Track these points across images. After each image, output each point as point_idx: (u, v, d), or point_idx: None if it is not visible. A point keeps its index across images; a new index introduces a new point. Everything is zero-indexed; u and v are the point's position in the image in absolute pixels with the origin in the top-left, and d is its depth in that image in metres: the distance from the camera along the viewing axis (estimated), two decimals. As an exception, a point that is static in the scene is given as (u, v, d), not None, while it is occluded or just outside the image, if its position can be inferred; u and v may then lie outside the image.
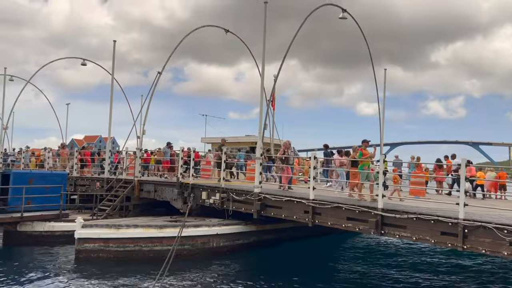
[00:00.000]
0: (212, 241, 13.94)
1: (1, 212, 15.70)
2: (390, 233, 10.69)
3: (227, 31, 21.15)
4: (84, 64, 25.91)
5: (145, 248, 13.09)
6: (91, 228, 13.13)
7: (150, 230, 13.28)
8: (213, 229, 14.05)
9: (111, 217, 16.97)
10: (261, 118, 14.93)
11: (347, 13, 17.77)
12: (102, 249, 12.95)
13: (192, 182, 16.17)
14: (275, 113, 24.16)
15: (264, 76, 15.25)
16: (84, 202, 19.57)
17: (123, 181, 19.01)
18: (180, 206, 16.42)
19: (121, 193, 18.15)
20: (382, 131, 23.02)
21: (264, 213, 13.65)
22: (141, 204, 18.42)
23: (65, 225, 15.81)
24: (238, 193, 14.49)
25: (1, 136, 27.23)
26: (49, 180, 16.82)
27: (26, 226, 15.80)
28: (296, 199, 12.64)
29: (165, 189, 17.43)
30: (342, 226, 11.61)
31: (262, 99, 15.23)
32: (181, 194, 16.44)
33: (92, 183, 20.73)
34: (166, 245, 13.01)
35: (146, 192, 18.33)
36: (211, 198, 15.36)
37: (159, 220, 14.78)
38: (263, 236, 15.29)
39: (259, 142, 14.49)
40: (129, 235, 13.08)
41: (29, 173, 17.45)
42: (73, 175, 21.57)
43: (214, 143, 26.14)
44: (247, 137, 25.87)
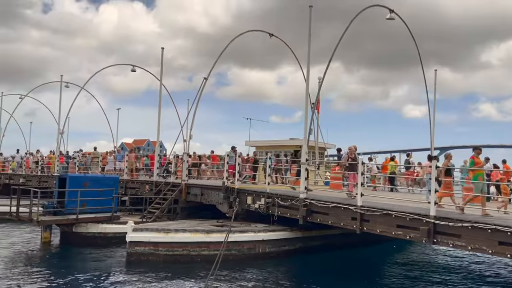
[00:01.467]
0: (258, 247, 13.97)
1: (59, 214, 16.59)
2: (443, 242, 10.26)
3: (271, 35, 21.17)
4: (134, 70, 26.88)
5: (193, 253, 13.34)
6: (141, 232, 13.55)
7: (197, 234, 13.52)
8: (259, 235, 14.08)
9: (159, 219, 17.46)
10: (306, 121, 14.81)
11: (395, 13, 17.25)
12: (152, 253, 13.32)
13: (237, 187, 16.29)
14: (319, 117, 23.88)
15: (305, 78, 15.06)
16: (134, 204, 20.28)
17: (171, 185, 19.49)
18: (226, 210, 16.60)
19: (169, 196, 18.62)
20: (433, 134, 22.14)
21: (310, 219, 13.51)
22: (188, 207, 18.81)
23: (117, 227, 16.44)
24: (284, 198, 14.44)
25: (58, 140, 28.77)
26: (102, 183, 17.58)
27: (81, 228, 16.57)
28: (343, 205, 12.41)
29: (212, 193, 17.69)
30: (391, 233, 11.26)
31: (308, 103, 15.09)
32: (227, 198, 16.61)
33: (141, 186, 21.42)
34: (213, 250, 13.19)
35: (193, 195, 18.69)
36: (257, 203, 15.41)
37: (206, 225, 15.01)
38: (309, 242, 15.13)
39: (304, 146, 14.36)
40: (178, 239, 13.37)
41: (84, 176, 18.34)
42: (124, 178, 22.37)
43: (258, 146, 26.22)
44: (291, 140, 25.70)
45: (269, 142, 25.58)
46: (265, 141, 26.98)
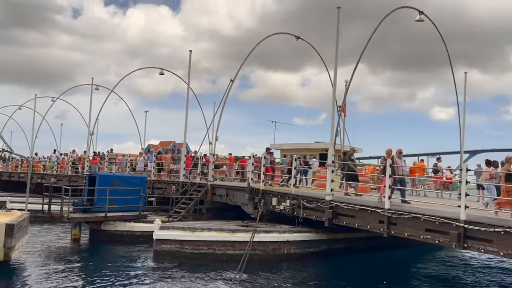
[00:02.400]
0: (283, 247, 13.97)
1: (88, 211, 17.05)
2: (473, 247, 9.99)
3: (298, 37, 21.18)
4: (162, 74, 27.39)
5: (218, 252, 13.45)
6: (168, 230, 13.77)
7: (223, 234, 13.63)
8: (283, 236, 14.07)
9: (185, 219, 17.68)
10: (332, 124, 14.73)
11: (424, 15, 17.00)
12: (178, 251, 13.51)
13: (262, 188, 16.34)
14: (345, 120, 23.70)
15: (331, 80, 15.00)
16: (160, 204, 20.61)
17: (197, 185, 19.72)
18: (250, 211, 16.66)
19: (195, 197, 18.84)
20: (463, 137, 21.61)
21: (336, 221, 13.41)
22: (213, 208, 18.98)
23: (144, 226, 16.75)
24: (309, 200, 14.38)
25: (89, 141, 29.57)
26: (130, 182, 17.97)
27: (109, 226, 16.97)
28: (370, 208, 12.26)
29: (237, 194, 17.80)
30: (420, 237, 11.05)
31: (334, 106, 15.04)
32: (252, 200, 16.67)
33: (168, 187, 21.75)
34: (238, 249, 13.27)
35: (218, 196, 18.85)
36: (282, 204, 15.41)
37: (231, 225, 15.11)
38: (334, 245, 15.01)
39: (330, 149, 14.29)
40: (203, 238, 13.52)
41: (113, 175, 18.77)
42: (151, 178, 22.77)
43: (283, 149, 26.18)
44: (317, 143, 25.56)
45: (294, 145, 25.51)
46: (290, 144, 26.93)
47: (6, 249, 11.29)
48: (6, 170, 39.09)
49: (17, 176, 36.37)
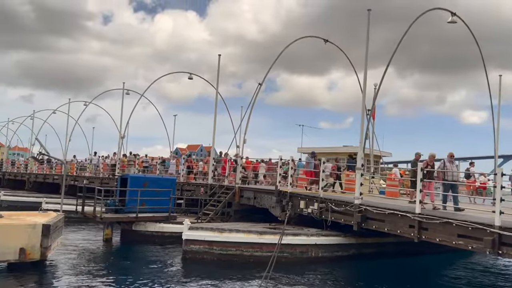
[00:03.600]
0: (311, 250, 13.92)
1: (120, 212, 17.49)
2: (509, 254, 9.69)
3: (326, 41, 21.16)
4: (191, 78, 27.85)
5: (246, 253, 13.54)
6: (197, 230, 13.98)
7: (251, 235, 13.72)
8: (311, 239, 14.04)
9: (213, 221, 17.88)
10: (362, 128, 14.63)
11: (457, 16, 16.66)
12: (206, 251, 13.68)
13: (290, 191, 16.35)
14: (374, 124, 23.44)
15: (361, 84, 14.90)
16: (189, 206, 20.91)
17: (225, 188, 19.92)
18: (278, 214, 16.70)
19: (223, 199, 19.04)
20: (497, 141, 20.98)
21: (365, 225, 13.28)
22: (241, 210, 19.12)
23: (173, 227, 17.05)
24: (338, 203, 14.31)
25: (120, 144, 30.35)
26: (160, 184, 18.33)
27: (140, 226, 17.35)
28: (400, 212, 12.09)
29: (264, 196, 17.87)
30: (452, 243, 10.81)
31: (364, 110, 14.93)
32: (280, 202, 16.71)
33: (197, 189, 22.06)
34: (266, 251, 13.33)
35: (246, 198, 18.98)
36: (309, 208, 15.38)
37: (259, 227, 15.18)
38: (363, 249, 14.84)
39: (360, 152, 14.18)
40: (231, 239, 13.64)
41: (144, 177, 19.19)
42: (180, 180, 23.15)
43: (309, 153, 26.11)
44: (345, 147, 25.41)
45: (322, 149, 25.40)
46: (317, 147, 26.84)
47: (43, 249, 11.69)
48: (41, 172, 40.51)
49: (51, 178, 37.66)
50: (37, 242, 11.60)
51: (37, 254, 11.60)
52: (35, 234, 11.56)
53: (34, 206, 25.56)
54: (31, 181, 40.94)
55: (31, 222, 11.81)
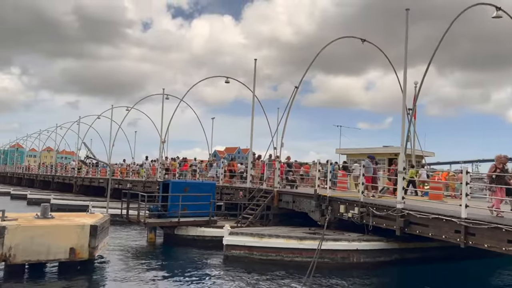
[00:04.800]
0: (352, 256, 13.72)
1: (162, 216, 17.94)
2: None
3: (363, 40, 20.78)
4: (227, 82, 28.17)
5: (286, 258, 13.53)
6: (237, 236, 14.11)
7: (290, 241, 13.70)
8: (353, 244, 13.83)
9: (253, 225, 17.98)
10: (403, 128, 14.25)
11: (502, 11, 15.89)
12: (247, 256, 13.79)
13: (330, 195, 16.18)
14: (415, 123, 22.76)
15: (400, 83, 14.52)
16: (229, 209, 21.14)
17: (264, 191, 19.98)
18: (317, 218, 16.56)
19: (262, 203, 19.10)
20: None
21: (408, 230, 12.93)
22: (280, 214, 19.12)
23: (214, 231, 17.28)
24: (379, 208, 14.02)
25: (161, 148, 31.16)
26: (201, 189, 18.67)
27: (181, 230, 17.72)
28: (445, 217, 11.70)
29: (303, 200, 17.78)
30: (502, 249, 10.35)
31: (404, 110, 14.55)
32: (319, 206, 16.56)
33: (236, 192, 22.26)
34: (306, 257, 13.27)
35: (284, 202, 18.96)
36: (350, 212, 15.15)
37: (299, 232, 15.13)
38: (407, 254, 14.44)
39: (401, 154, 13.83)
40: (271, 245, 13.68)
41: (185, 182, 19.59)
42: (220, 184, 23.43)
43: (350, 154, 25.75)
44: (385, 148, 24.82)
45: (361, 150, 24.97)
46: (356, 149, 26.40)
47: (91, 249, 12.16)
48: (88, 175, 42.24)
49: (97, 182, 39.20)
50: (86, 242, 12.04)
51: (86, 253, 12.04)
52: (84, 235, 12.02)
53: (81, 209, 26.76)
54: (78, 185, 42.82)
55: (79, 223, 12.30)
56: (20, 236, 11.08)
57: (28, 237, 11.17)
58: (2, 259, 10.86)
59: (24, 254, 11.09)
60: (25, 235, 11.16)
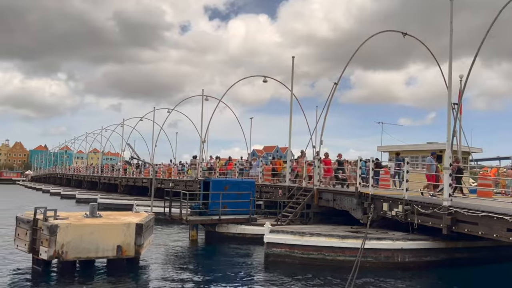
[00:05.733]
0: (396, 255, 13.35)
1: (204, 214, 18.24)
2: None
3: (405, 34, 20.19)
4: (265, 81, 28.22)
5: (328, 257, 13.36)
6: (277, 234, 14.09)
7: (332, 239, 13.52)
8: (397, 243, 13.45)
9: (293, 223, 17.91)
10: (449, 124, 13.71)
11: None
12: (288, 254, 13.74)
13: (372, 193, 15.84)
14: (461, 118, 21.82)
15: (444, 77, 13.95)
16: (268, 207, 21.17)
17: (303, 189, 19.85)
18: (359, 216, 16.26)
19: (301, 201, 18.99)
20: None
21: (456, 229, 12.43)
22: (320, 212, 18.93)
23: (254, 229, 17.38)
24: (424, 205, 13.56)
25: (201, 148, 31.70)
26: (240, 187, 18.82)
27: (222, 228, 17.94)
28: (496, 215, 11.13)
29: (344, 198, 17.51)
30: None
31: (450, 104, 14.00)
32: (361, 205, 16.25)
33: (275, 191, 22.26)
34: (348, 256, 13.05)
35: (325, 200, 18.75)
36: (393, 210, 14.76)
37: (340, 230, 14.91)
38: (454, 254, 13.90)
39: (447, 150, 13.32)
40: (313, 243, 13.55)
41: (225, 181, 19.81)
42: (259, 182, 23.51)
43: (392, 152, 25.03)
44: (429, 144, 23.93)
45: (404, 147, 24.20)
46: (399, 145, 25.62)
47: (137, 247, 12.51)
48: (131, 175, 43.63)
49: (140, 182, 40.41)
50: (132, 240, 12.37)
51: (132, 251, 12.39)
52: (130, 233, 12.36)
53: (126, 208, 27.72)
54: (123, 185, 44.33)
55: (126, 222, 12.67)
56: (71, 234, 11.57)
57: (78, 235, 11.65)
58: (55, 256, 11.39)
59: (75, 251, 11.57)
60: (75, 233, 11.64)
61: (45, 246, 11.34)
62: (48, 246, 11.26)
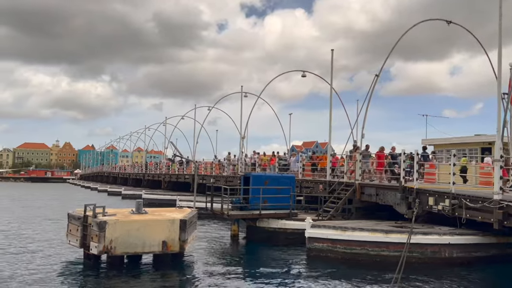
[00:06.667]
0: (444, 251, 12.92)
1: (244, 209, 18.41)
2: None
3: (449, 22, 19.40)
4: (304, 76, 28.04)
5: (372, 252, 13.13)
6: (319, 228, 14.00)
7: (376, 234, 13.27)
8: (444, 238, 13.02)
9: (334, 218, 17.70)
10: (499, 114, 13.05)
11: None
12: (330, 250, 13.63)
13: (417, 187, 15.37)
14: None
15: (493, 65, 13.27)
16: (308, 203, 21.04)
17: (345, 184, 19.56)
18: (404, 211, 15.83)
19: (343, 196, 18.73)
20: None
21: (508, 223, 11.84)
22: (362, 207, 18.59)
23: (295, 224, 17.32)
24: (473, 199, 13.01)
25: (241, 144, 31.98)
26: (280, 182, 18.82)
27: (263, 222, 18.01)
28: (553, 209, 10.53)
29: (387, 193, 17.11)
30: None
31: (499, 94, 13.32)
32: (405, 199, 15.82)
33: (315, 186, 22.08)
34: (393, 251, 12.77)
35: (367, 195, 18.39)
36: (440, 204, 14.25)
37: (384, 225, 14.60)
38: (507, 249, 13.28)
39: (497, 141, 12.67)
40: (355, 238, 13.36)
41: (265, 175, 19.88)
42: (299, 178, 23.40)
43: (437, 145, 24.23)
44: (477, 136, 22.95)
45: (450, 140, 23.37)
46: (445, 138, 24.75)
47: (181, 242, 12.80)
48: (175, 172, 44.72)
49: (183, 178, 41.35)
50: (176, 236, 12.64)
51: (177, 246, 12.66)
52: (174, 228, 12.65)
53: (169, 203, 28.45)
54: (166, 181, 45.53)
55: (170, 218, 12.99)
56: (119, 230, 12.01)
57: (126, 231, 12.08)
58: (104, 251, 11.88)
59: (123, 247, 12.01)
60: (123, 229, 12.08)
61: (95, 241, 11.84)
62: (98, 241, 11.74)
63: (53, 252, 14.49)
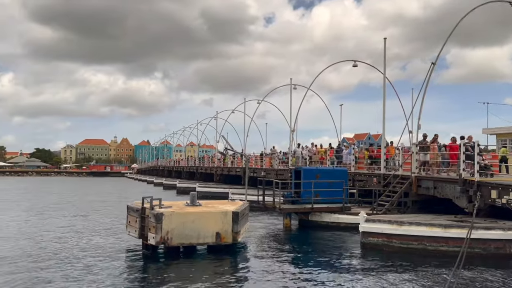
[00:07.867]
0: (509, 246, 12.21)
1: (296, 203, 18.40)
2: None
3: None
4: (355, 66, 27.34)
5: (430, 247, 12.67)
6: (374, 223, 13.70)
7: (434, 229, 12.78)
8: (508, 233, 12.29)
9: (389, 212, 17.27)
10: None
11: None
12: (385, 244, 13.31)
13: (478, 179, 14.59)
14: None
15: None
16: (362, 196, 20.63)
17: (400, 177, 18.98)
18: (464, 205, 15.10)
19: (398, 189, 18.18)
20: None
21: None
22: (419, 201, 17.97)
23: (349, 218, 17.11)
24: (542, 193, 12.16)
25: (291, 137, 31.89)
26: (332, 175, 18.62)
27: (315, 216, 17.94)
28: None
29: (446, 186, 16.39)
30: None
31: None
32: (465, 192, 15.07)
33: (369, 179, 21.60)
34: (452, 246, 12.26)
35: (424, 188, 17.73)
36: (504, 198, 13.45)
37: (442, 219, 14.04)
38: None
39: None
40: (412, 233, 12.95)
41: (316, 169, 19.75)
42: (351, 171, 22.99)
43: (500, 134, 22.85)
44: (546, 124, 21.36)
45: (514, 129, 21.95)
46: (508, 127, 23.27)
47: (234, 234, 13.06)
48: (227, 165, 45.54)
49: (234, 171, 42.01)
50: (229, 228, 12.95)
51: (230, 238, 12.97)
52: (227, 220, 12.95)
53: (222, 196, 29.03)
54: (218, 174, 46.50)
55: (223, 210, 13.31)
56: (175, 221, 12.45)
57: (181, 223, 12.50)
58: (161, 242, 12.37)
59: (178, 238, 12.45)
60: (178, 221, 12.51)
61: (153, 232, 12.35)
62: (155, 232, 12.24)
63: (114, 242, 15.29)
